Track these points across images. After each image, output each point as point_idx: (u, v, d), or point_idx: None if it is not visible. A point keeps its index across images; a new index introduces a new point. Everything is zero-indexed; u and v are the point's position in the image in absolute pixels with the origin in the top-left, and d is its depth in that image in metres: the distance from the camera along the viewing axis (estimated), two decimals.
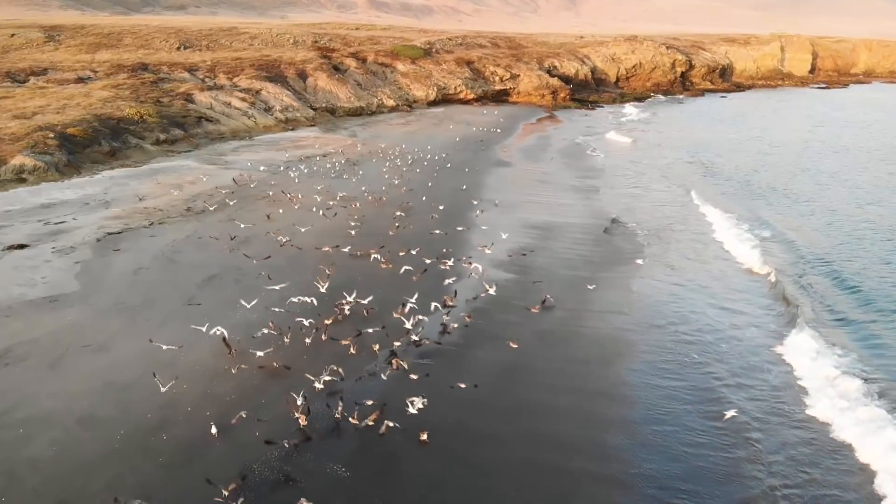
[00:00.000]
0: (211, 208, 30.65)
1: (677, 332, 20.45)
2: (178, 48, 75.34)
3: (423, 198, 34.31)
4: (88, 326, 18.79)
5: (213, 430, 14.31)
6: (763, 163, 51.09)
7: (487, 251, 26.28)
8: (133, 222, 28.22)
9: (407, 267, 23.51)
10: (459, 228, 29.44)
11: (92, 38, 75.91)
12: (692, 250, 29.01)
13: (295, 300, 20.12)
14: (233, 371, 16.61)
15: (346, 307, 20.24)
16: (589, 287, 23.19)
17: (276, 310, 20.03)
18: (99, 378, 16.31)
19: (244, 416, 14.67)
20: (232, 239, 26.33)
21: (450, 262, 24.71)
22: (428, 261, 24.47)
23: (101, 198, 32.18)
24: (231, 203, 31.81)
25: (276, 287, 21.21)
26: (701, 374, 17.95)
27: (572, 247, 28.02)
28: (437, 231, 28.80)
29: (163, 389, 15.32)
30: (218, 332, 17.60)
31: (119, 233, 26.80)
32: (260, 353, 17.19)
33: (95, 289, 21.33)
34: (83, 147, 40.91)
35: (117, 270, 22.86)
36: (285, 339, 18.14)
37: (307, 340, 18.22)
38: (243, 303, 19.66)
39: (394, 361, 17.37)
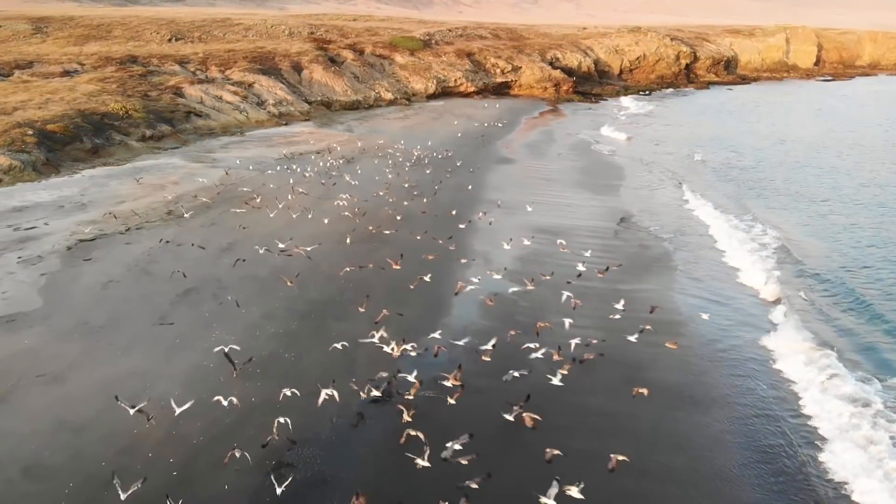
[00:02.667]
0: (187, 214, 28.23)
1: (735, 364, 18.25)
2: (170, 40, 73.05)
3: (425, 200, 32.11)
4: (46, 352, 16.77)
5: None
6: (776, 160, 49.07)
7: (582, 267, 23.17)
8: (108, 228, 26.16)
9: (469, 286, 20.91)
10: (478, 246, 27.30)
11: (80, 30, 73.59)
12: (713, 261, 26.84)
13: (375, 340, 16.99)
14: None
15: (398, 346, 16.87)
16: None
17: (257, 333, 18.07)
18: (51, 416, 14.33)
19: None
20: (194, 246, 24.28)
21: (477, 277, 22.38)
22: (497, 276, 21.87)
23: (78, 200, 30.10)
24: (215, 207, 29.77)
25: (374, 339, 17.19)
26: (771, 424, 15.74)
27: (596, 254, 25.88)
28: (459, 241, 26.34)
29: (122, 497, 11.79)
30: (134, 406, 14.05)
31: (92, 240, 24.74)
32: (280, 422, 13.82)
33: (59, 306, 19.31)
34: (63, 144, 38.81)
35: (85, 284, 20.83)
36: (332, 394, 14.61)
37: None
38: (225, 345, 17.41)
39: (525, 416, 14.07)
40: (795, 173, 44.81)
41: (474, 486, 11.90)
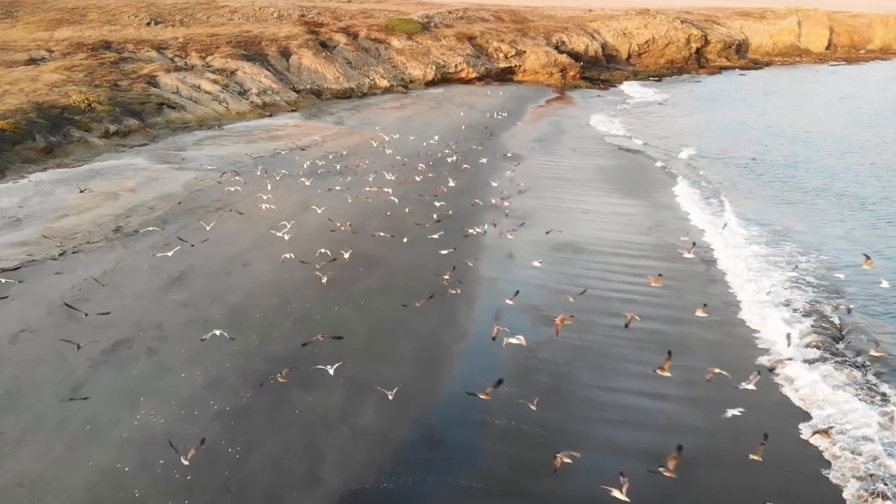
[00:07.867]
0: (138, 232, 23.61)
1: None
2: (149, 24, 68.13)
3: (424, 208, 27.50)
4: None
5: None
6: (807, 156, 44.48)
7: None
8: (40, 251, 21.72)
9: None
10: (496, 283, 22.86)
11: (53, 14, 68.62)
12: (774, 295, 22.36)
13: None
14: None
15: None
16: None
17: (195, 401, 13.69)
18: None
19: None
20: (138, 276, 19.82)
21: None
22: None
23: (14, 213, 25.58)
24: (172, 220, 25.27)
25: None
26: None
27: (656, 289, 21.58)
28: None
29: None
30: None
31: (16, 268, 20.33)
32: None
33: None
34: (13, 144, 34.15)
35: None
36: None
37: None
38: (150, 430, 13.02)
39: None
40: (833, 171, 40.24)
41: None
